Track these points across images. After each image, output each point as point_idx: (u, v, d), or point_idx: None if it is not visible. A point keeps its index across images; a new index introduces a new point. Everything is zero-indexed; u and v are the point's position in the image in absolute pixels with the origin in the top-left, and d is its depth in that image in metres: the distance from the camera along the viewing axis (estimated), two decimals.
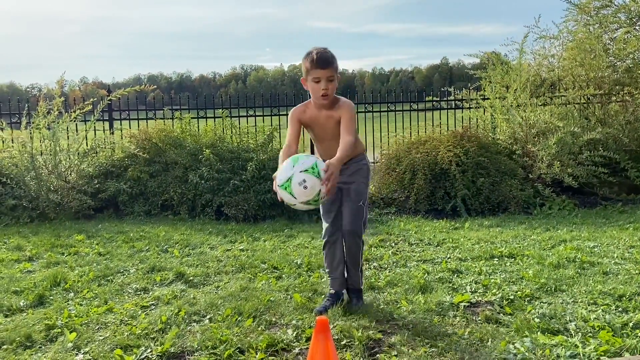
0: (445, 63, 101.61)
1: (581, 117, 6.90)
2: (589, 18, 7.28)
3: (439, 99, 8.16)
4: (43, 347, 2.51)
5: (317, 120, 2.76)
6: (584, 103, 7.06)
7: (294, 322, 2.67)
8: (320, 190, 2.31)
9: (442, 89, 8.24)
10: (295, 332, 2.54)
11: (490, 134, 7.01)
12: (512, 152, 6.55)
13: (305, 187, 2.29)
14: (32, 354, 2.43)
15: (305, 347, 2.40)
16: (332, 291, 2.91)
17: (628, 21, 7.14)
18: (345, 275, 2.90)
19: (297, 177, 2.29)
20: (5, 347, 2.49)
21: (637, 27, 7.09)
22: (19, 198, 5.85)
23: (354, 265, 2.85)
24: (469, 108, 7.69)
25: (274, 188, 2.42)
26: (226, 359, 2.30)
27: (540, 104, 6.78)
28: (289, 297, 3.07)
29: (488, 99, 7.15)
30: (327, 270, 2.95)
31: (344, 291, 2.94)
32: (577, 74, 7.05)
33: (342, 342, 2.44)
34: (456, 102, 7.97)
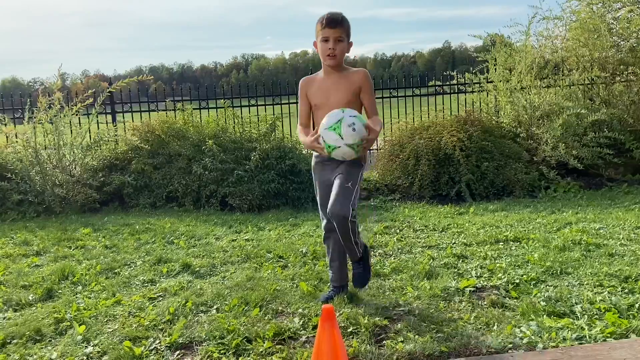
0: (447, 47, 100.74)
1: (585, 98, 6.84)
2: None
3: (441, 84, 8.09)
4: (53, 340, 2.54)
5: (323, 86, 2.69)
6: (588, 84, 6.99)
7: (300, 310, 2.69)
8: (363, 137, 2.44)
9: (445, 73, 8.17)
10: (301, 321, 2.56)
11: (494, 118, 6.97)
12: (516, 135, 6.51)
13: (354, 129, 2.42)
14: (42, 348, 2.46)
15: (312, 335, 2.42)
16: (335, 284, 2.87)
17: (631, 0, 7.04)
18: (343, 268, 2.84)
19: (347, 119, 2.43)
20: (15, 341, 2.52)
21: None
22: (24, 193, 5.88)
23: (351, 254, 2.71)
24: (472, 92, 7.63)
25: (314, 135, 2.52)
26: (234, 348, 2.32)
27: (544, 86, 6.71)
28: (295, 285, 3.08)
29: (492, 81, 7.09)
30: (328, 262, 2.92)
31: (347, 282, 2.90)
32: (581, 55, 6.97)
33: (349, 330, 2.45)
34: (459, 86, 7.91)
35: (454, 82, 7.91)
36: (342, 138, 2.41)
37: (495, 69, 6.98)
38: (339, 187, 2.56)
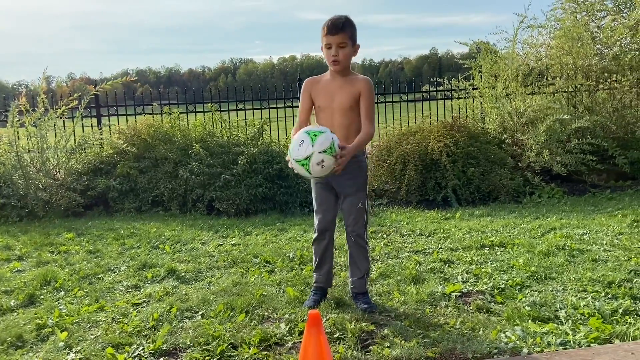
0: (434, 53, 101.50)
1: (569, 106, 6.94)
2: (576, 6, 7.30)
3: (428, 90, 8.15)
4: (34, 347, 2.49)
5: (328, 88, 2.73)
6: (572, 92, 7.09)
7: (286, 316, 2.67)
8: (333, 167, 2.46)
9: (432, 79, 8.23)
10: (288, 326, 2.54)
11: (479, 124, 7.03)
12: (502, 142, 6.58)
13: (322, 167, 2.44)
14: (23, 354, 2.41)
15: (298, 341, 2.41)
16: (320, 285, 2.89)
17: (615, 8, 7.17)
18: (333, 273, 2.89)
19: (315, 157, 2.41)
20: None
21: (624, 15, 7.11)
22: (7, 197, 5.78)
23: (359, 269, 2.80)
24: (459, 98, 7.70)
25: (287, 158, 2.55)
26: (219, 354, 2.29)
27: (528, 92, 6.80)
28: (282, 291, 3.07)
29: (477, 88, 7.16)
30: (314, 265, 2.91)
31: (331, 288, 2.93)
32: (565, 62, 7.07)
33: (335, 335, 2.44)
34: (446, 92, 7.98)
35: (441, 88, 7.97)
36: (310, 173, 2.47)
37: (481, 76, 7.05)
38: (351, 208, 2.74)
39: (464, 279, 3.18)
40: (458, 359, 2.21)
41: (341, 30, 2.62)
